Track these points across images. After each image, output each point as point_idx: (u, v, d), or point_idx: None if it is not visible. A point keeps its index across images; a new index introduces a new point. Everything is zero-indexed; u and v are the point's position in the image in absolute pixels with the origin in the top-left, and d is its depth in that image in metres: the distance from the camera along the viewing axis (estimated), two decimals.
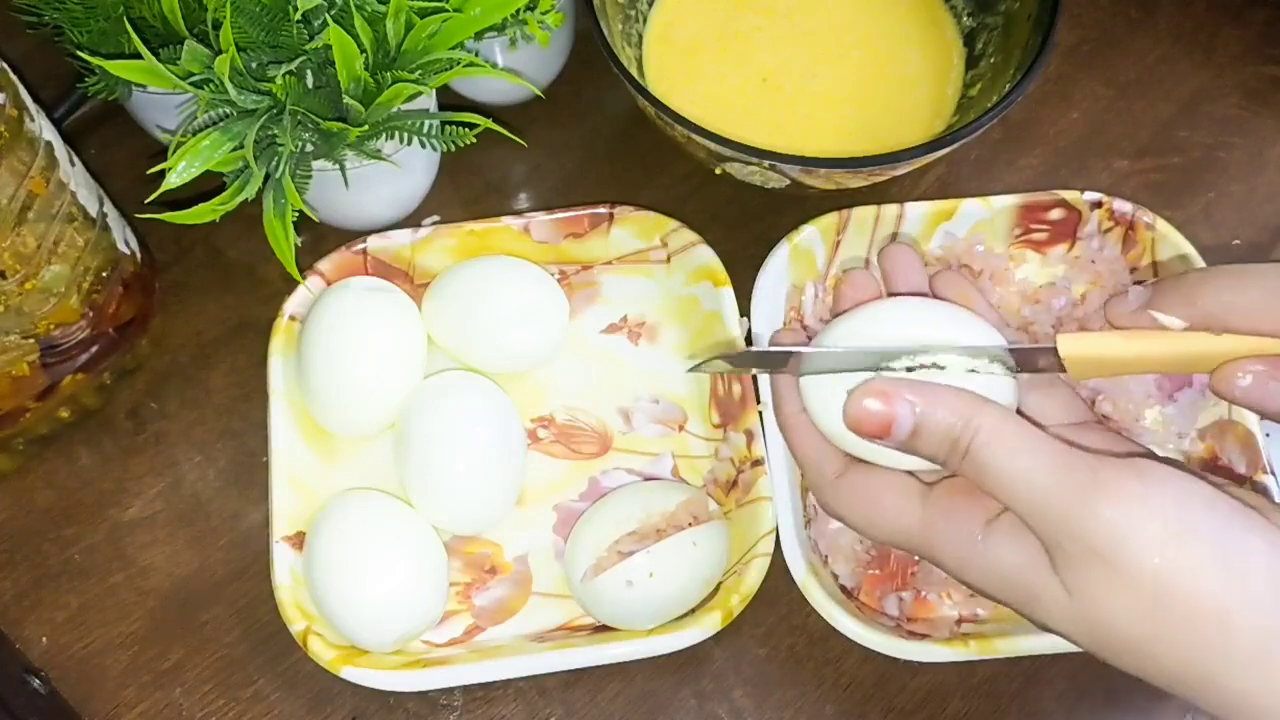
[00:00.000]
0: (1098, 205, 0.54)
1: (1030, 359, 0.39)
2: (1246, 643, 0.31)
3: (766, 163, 0.51)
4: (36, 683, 0.49)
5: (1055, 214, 0.55)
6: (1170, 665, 0.32)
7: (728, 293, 0.53)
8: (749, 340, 0.52)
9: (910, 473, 0.40)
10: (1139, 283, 0.55)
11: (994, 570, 0.36)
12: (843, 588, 0.49)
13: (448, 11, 0.48)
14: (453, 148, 0.51)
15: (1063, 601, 0.34)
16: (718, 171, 0.55)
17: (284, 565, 0.48)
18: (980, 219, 0.55)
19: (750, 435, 0.50)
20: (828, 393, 0.40)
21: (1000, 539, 0.35)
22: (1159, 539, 0.31)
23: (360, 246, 0.54)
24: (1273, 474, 0.50)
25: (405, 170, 0.54)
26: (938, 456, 0.35)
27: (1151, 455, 0.37)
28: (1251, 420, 0.51)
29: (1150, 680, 0.33)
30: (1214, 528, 0.31)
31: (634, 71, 0.55)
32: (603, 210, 0.55)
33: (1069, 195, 0.54)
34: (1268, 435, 0.51)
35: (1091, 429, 0.39)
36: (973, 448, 0.34)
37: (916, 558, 0.50)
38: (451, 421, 0.50)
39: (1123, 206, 0.54)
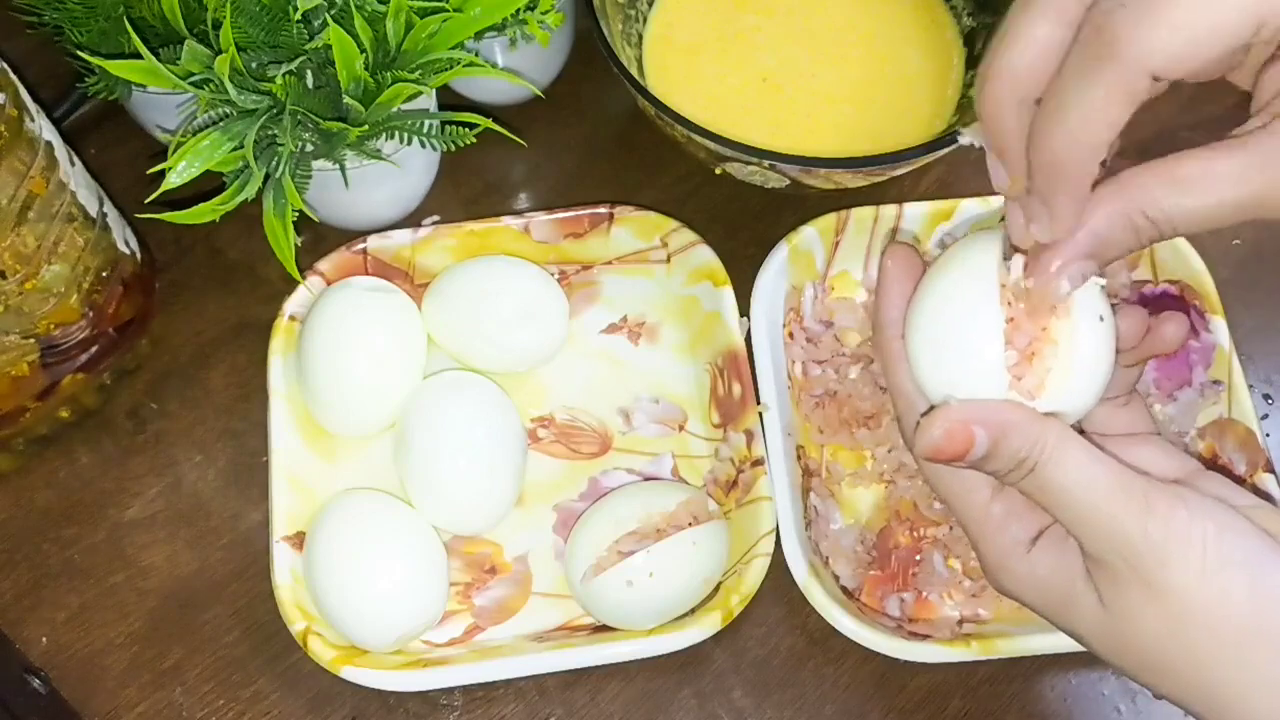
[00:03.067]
0: None
1: None
2: (1267, 670, 0.33)
3: (766, 163, 0.51)
4: (36, 683, 0.49)
5: None
6: (1192, 685, 0.34)
7: (728, 293, 0.53)
8: (749, 340, 0.52)
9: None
10: (1143, 284, 0.55)
11: (1033, 576, 0.37)
12: (844, 589, 0.49)
13: (448, 11, 0.48)
14: (453, 148, 0.51)
15: (1096, 613, 0.35)
16: (718, 171, 0.55)
17: (284, 565, 0.48)
18: (980, 219, 0.55)
19: (750, 435, 0.50)
20: (927, 319, 0.38)
21: (1044, 548, 0.37)
22: (1197, 565, 0.33)
23: (360, 246, 0.54)
24: (1274, 472, 0.50)
25: (405, 170, 0.54)
26: (1001, 473, 0.36)
27: (1204, 469, 0.38)
28: (1251, 419, 0.51)
29: (1169, 698, 0.35)
30: (1247, 559, 0.33)
31: (634, 71, 0.55)
32: (603, 210, 0.55)
33: None
34: (1268, 435, 0.51)
35: (1149, 441, 0.40)
36: (1039, 465, 0.35)
37: (918, 558, 0.50)
38: (451, 421, 0.50)
39: None
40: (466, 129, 0.50)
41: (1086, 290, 0.37)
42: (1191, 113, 0.64)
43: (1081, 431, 0.40)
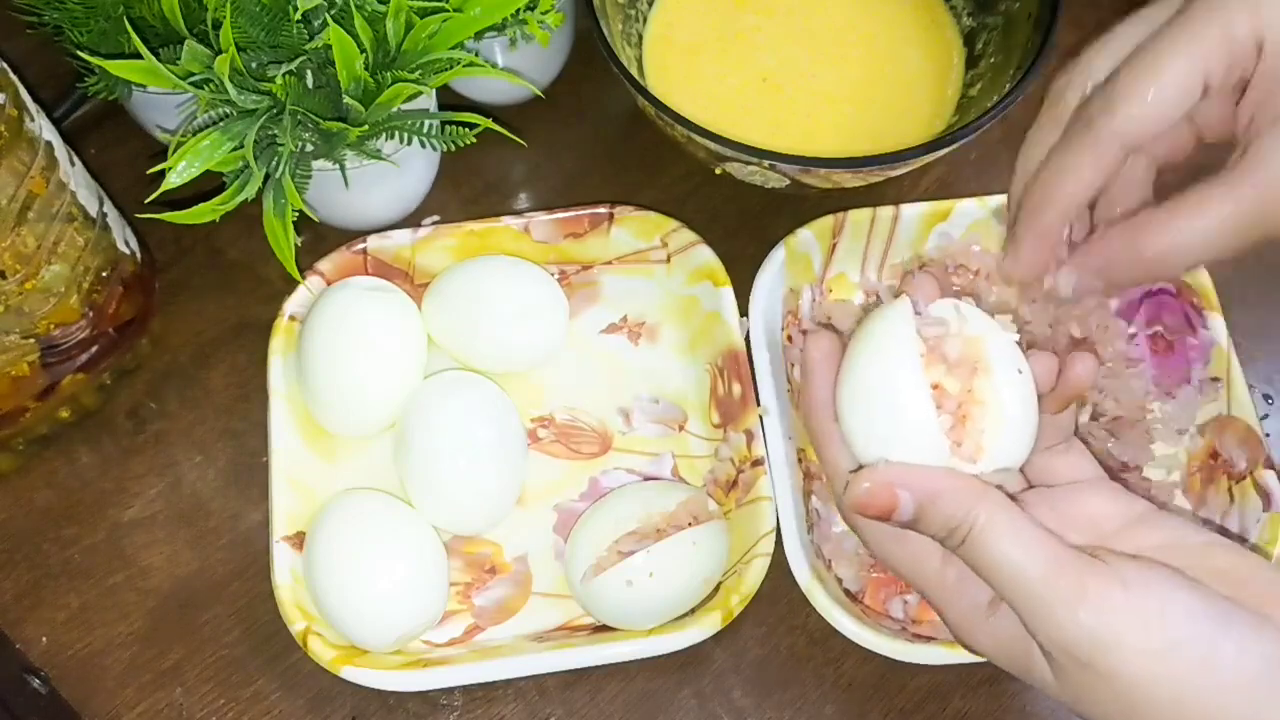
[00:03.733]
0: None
1: None
2: None
3: (766, 163, 0.51)
4: (36, 683, 0.49)
5: None
6: None
7: (727, 293, 0.53)
8: (748, 340, 0.52)
9: None
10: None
11: (995, 641, 0.37)
12: (847, 591, 0.49)
13: (448, 11, 0.48)
14: (453, 148, 0.51)
15: (1054, 684, 0.35)
16: (718, 171, 0.55)
17: (284, 565, 0.48)
18: (976, 219, 0.55)
19: (750, 435, 0.50)
20: (859, 398, 0.39)
21: (1005, 613, 0.37)
22: (1139, 648, 0.33)
23: (360, 246, 0.54)
24: (1274, 469, 0.50)
25: (405, 170, 0.54)
26: (937, 538, 0.36)
27: (1156, 509, 0.38)
28: (1251, 415, 0.51)
29: None
30: (1195, 636, 0.33)
31: (634, 71, 0.55)
32: (603, 210, 0.55)
33: None
34: (1268, 435, 0.51)
35: (1096, 487, 0.39)
36: (970, 536, 0.35)
37: None
38: (451, 421, 0.50)
39: None
40: (466, 129, 0.50)
41: (1002, 346, 0.37)
42: None
43: (1029, 485, 0.40)
